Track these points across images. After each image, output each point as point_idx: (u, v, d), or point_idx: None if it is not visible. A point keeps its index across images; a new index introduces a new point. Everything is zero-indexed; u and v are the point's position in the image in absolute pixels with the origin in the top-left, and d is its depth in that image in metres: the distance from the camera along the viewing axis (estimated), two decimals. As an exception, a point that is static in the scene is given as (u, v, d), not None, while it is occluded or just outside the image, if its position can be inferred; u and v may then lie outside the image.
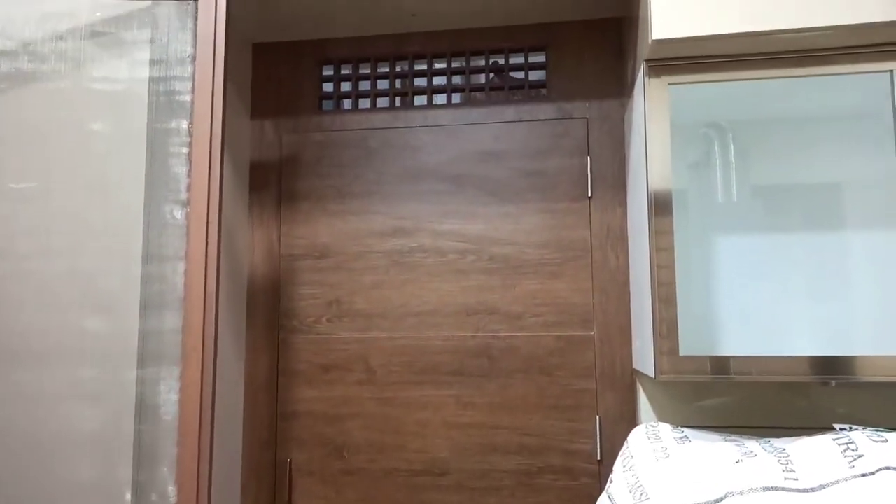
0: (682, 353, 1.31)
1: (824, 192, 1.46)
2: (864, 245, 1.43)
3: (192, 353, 1.26)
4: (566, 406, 1.67)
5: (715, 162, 1.60)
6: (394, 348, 1.75)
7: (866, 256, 1.43)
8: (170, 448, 1.26)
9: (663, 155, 1.36)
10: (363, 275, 1.78)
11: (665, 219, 1.34)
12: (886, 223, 1.43)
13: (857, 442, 1.20)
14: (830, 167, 1.46)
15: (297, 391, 1.77)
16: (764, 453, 1.24)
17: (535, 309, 1.71)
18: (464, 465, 1.69)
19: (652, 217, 1.35)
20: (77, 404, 1.29)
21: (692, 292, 1.46)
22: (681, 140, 1.46)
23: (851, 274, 1.43)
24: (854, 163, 1.45)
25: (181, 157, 1.32)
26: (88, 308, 1.31)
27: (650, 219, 1.35)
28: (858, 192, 1.44)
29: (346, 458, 1.73)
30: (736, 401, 1.58)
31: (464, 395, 1.71)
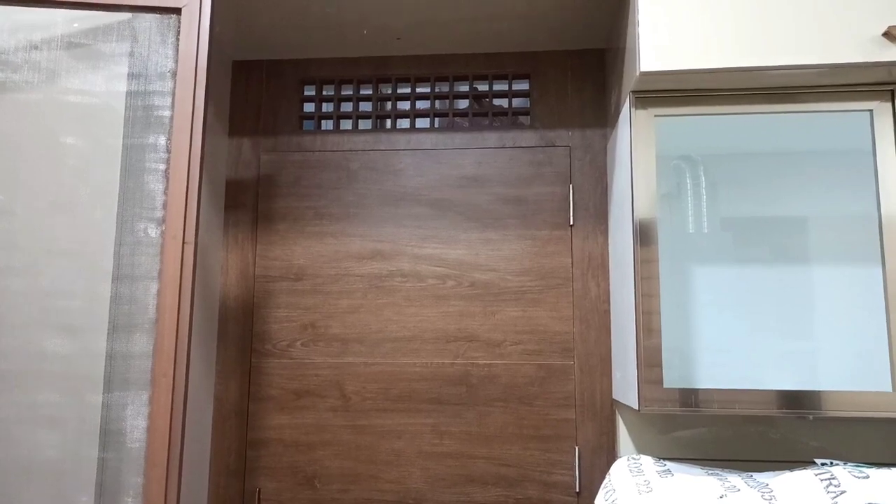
0: (666, 386, 1.30)
1: (794, 226, 1.48)
2: (835, 279, 1.45)
3: (161, 378, 1.20)
4: (545, 436, 1.65)
5: (686, 193, 1.61)
6: (369, 374, 1.70)
7: (836, 291, 1.45)
8: (134, 477, 1.19)
9: (648, 185, 1.36)
10: (340, 298, 1.74)
11: (650, 248, 1.34)
12: (860, 258, 1.45)
13: (839, 478, 1.19)
14: (803, 202, 1.48)
15: (268, 417, 1.71)
16: (747, 488, 1.23)
17: (515, 336, 1.69)
18: (439, 496, 1.64)
19: (637, 246, 1.35)
20: (37, 430, 1.22)
21: (668, 322, 1.45)
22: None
23: (821, 308, 1.45)
24: (828, 198, 1.47)
25: (157, 174, 1.28)
26: (53, 328, 1.25)
27: (635, 248, 1.35)
28: (831, 227, 1.46)
29: (318, 488, 1.67)
30: (714, 433, 1.57)
31: (441, 424, 1.67)
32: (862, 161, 1.42)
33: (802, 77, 1.33)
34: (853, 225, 1.45)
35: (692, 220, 1.59)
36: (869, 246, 1.40)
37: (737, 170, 1.51)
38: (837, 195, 1.47)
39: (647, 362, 1.31)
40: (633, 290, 1.36)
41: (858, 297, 1.45)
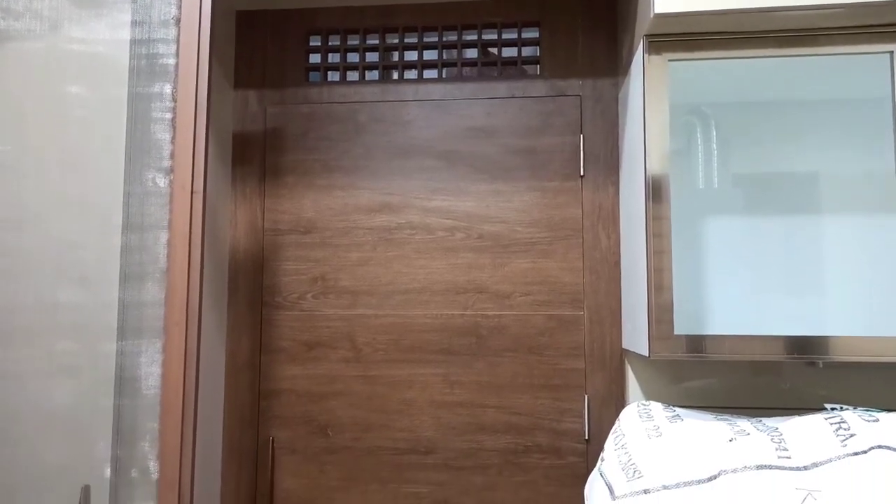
0: (677, 332, 1.30)
1: (806, 181, 1.46)
2: (846, 229, 1.43)
3: (174, 326, 1.21)
4: (555, 385, 1.66)
5: (697, 149, 1.58)
6: (380, 326, 1.71)
7: (847, 240, 1.43)
8: (151, 423, 1.21)
9: (661, 137, 1.34)
10: (349, 251, 1.74)
11: (661, 205, 1.33)
12: (873, 209, 1.44)
13: (848, 421, 1.20)
14: (815, 156, 1.45)
15: (280, 369, 1.73)
16: (757, 432, 1.24)
17: (524, 288, 1.69)
18: (450, 444, 1.67)
19: (649, 203, 1.33)
20: (54, 378, 1.24)
21: (679, 274, 1.44)
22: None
23: (832, 257, 1.43)
24: (842, 151, 1.44)
25: (164, 123, 1.27)
26: (65, 280, 1.25)
27: (647, 205, 1.33)
28: (843, 182, 1.44)
29: (331, 437, 1.70)
30: (723, 382, 1.58)
31: (451, 374, 1.68)
32: (879, 111, 1.39)
33: (819, 18, 1.29)
34: (867, 178, 1.43)
35: (703, 177, 1.57)
36: (882, 197, 1.38)
37: (749, 123, 1.48)
38: (852, 147, 1.44)
39: (658, 311, 1.31)
40: (644, 245, 1.35)
41: (869, 246, 1.44)
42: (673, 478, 1.18)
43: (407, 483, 1.67)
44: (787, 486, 1.12)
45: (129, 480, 1.21)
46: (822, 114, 1.45)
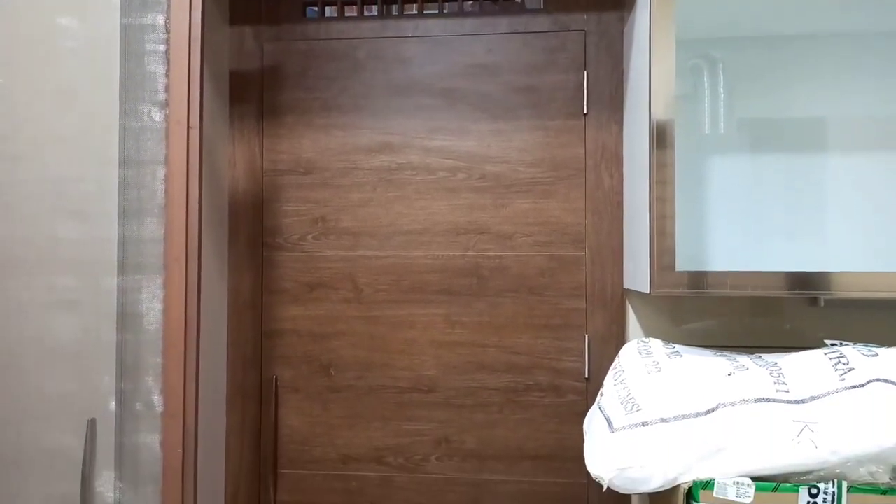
0: (679, 269, 1.29)
1: (814, 125, 1.43)
2: (851, 168, 1.42)
3: (174, 262, 1.21)
4: (555, 325, 1.67)
5: (704, 94, 1.55)
6: (381, 267, 1.71)
7: (851, 179, 1.41)
8: (154, 358, 1.22)
9: (667, 79, 1.30)
10: (350, 192, 1.72)
11: (665, 151, 1.30)
12: (878, 147, 1.41)
13: (848, 356, 1.20)
14: (823, 98, 1.42)
15: (282, 309, 1.73)
16: (755, 367, 1.24)
17: (526, 228, 1.68)
18: (451, 382, 1.68)
19: (653, 150, 1.30)
20: (57, 313, 1.24)
21: (682, 214, 1.43)
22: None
23: (835, 195, 1.42)
24: (853, 91, 1.41)
25: (158, 56, 1.24)
26: (63, 215, 1.25)
27: (651, 152, 1.30)
28: (851, 124, 1.41)
29: (333, 376, 1.71)
30: (724, 323, 1.58)
31: (452, 314, 1.69)
32: (892, 43, 1.35)
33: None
34: (874, 120, 1.40)
35: (709, 121, 1.54)
36: (887, 135, 1.35)
37: (757, 65, 1.45)
38: (861, 89, 1.41)
39: (660, 247, 1.30)
40: (647, 187, 1.33)
41: (872, 184, 1.42)
42: (671, 411, 1.19)
43: (408, 421, 1.69)
44: (784, 418, 1.14)
45: (133, 413, 1.23)
46: (833, 49, 1.41)
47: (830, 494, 1.08)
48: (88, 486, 1.22)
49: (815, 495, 1.08)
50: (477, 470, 1.67)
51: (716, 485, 1.11)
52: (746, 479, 1.11)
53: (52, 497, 1.23)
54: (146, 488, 1.22)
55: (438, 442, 1.68)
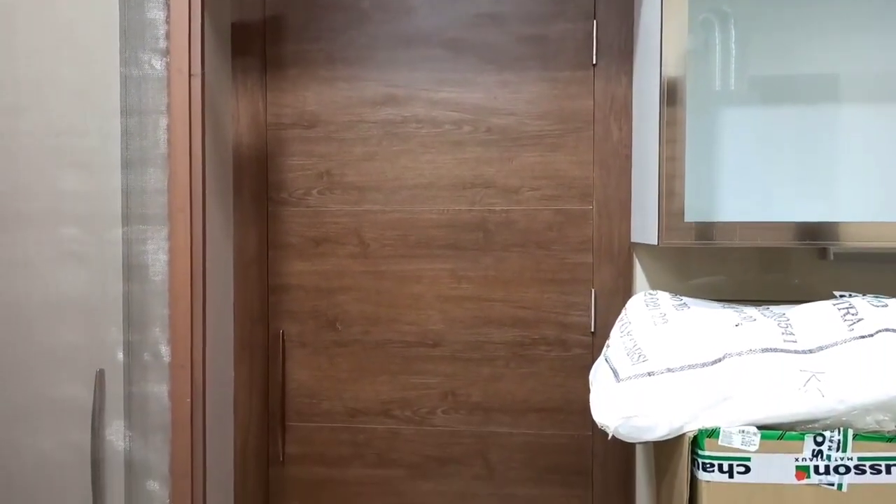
0: (687, 219, 1.28)
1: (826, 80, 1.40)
2: (863, 119, 1.38)
3: (178, 213, 1.21)
4: (562, 280, 1.66)
5: (715, 50, 1.51)
6: (387, 222, 1.70)
7: (863, 129, 1.38)
8: (161, 309, 1.22)
9: (679, 34, 1.26)
10: (354, 146, 1.71)
11: (675, 108, 1.27)
12: (891, 98, 1.38)
13: (857, 307, 1.19)
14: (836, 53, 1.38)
15: (288, 264, 1.73)
16: (763, 318, 1.24)
17: (532, 182, 1.66)
18: (457, 336, 1.69)
19: (663, 108, 1.27)
20: (62, 264, 1.24)
21: (692, 166, 1.40)
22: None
23: (846, 146, 1.39)
24: (865, 46, 1.37)
25: (157, 1, 1.21)
26: (66, 165, 1.24)
27: (661, 110, 1.27)
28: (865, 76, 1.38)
29: (340, 331, 1.72)
30: (732, 278, 1.57)
31: (458, 269, 1.69)
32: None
33: None
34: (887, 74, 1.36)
35: (720, 77, 1.50)
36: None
37: (770, 20, 1.40)
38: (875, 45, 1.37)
39: (669, 198, 1.28)
40: (657, 141, 1.30)
41: (883, 135, 1.39)
42: (677, 361, 1.19)
43: (415, 374, 1.70)
44: (791, 368, 1.13)
45: (142, 364, 1.24)
46: (847, 3, 1.37)
47: (836, 442, 1.08)
48: (98, 434, 1.23)
49: (820, 443, 1.09)
50: (483, 423, 1.69)
51: (721, 433, 1.11)
52: (752, 428, 1.11)
53: (63, 445, 1.25)
54: (155, 437, 1.24)
55: (445, 395, 1.70)
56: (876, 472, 1.08)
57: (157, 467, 1.24)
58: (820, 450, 1.09)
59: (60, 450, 1.24)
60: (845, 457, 1.08)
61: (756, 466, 1.11)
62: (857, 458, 1.08)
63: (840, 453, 1.08)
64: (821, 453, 1.09)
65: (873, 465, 1.08)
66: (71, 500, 1.25)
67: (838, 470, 1.09)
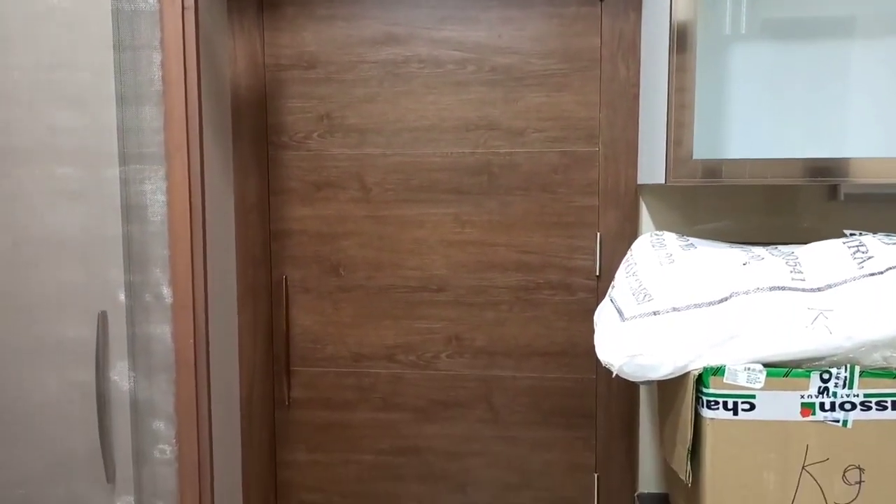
0: (696, 157, 1.24)
1: (839, 23, 1.34)
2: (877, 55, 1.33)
3: (176, 151, 1.18)
4: (567, 223, 1.64)
5: None
6: (389, 165, 1.67)
7: (878, 66, 1.34)
8: (161, 250, 1.21)
9: None
10: (355, 87, 1.66)
11: (685, 56, 1.22)
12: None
13: (867, 245, 1.17)
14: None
15: (289, 209, 1.71)
16: (771, 257, 1.22)
17: (538, 124, 1.63)
18: (461, 281, 1.68)
19: (672, 54, 1.22)
20: (59, 205, 1.22)
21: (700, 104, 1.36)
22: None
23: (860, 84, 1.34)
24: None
25: (147, -70, 1.16)
26: (59, 101, 1.20)
27: (671, 56, 1.23)
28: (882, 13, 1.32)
29: (343, 276, 1.71)
30: (739, 222, 1.55)
31: (462, 213, 1.66)
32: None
33: None
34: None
35: (730, 20, 1.45)
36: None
37: None
38: None
39: (677, 135, 1.25)
40: (665, 79, 1.26)
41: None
42: (683, 300, 1.18)
43: (419, 319, 1.70)
44: (799, 306, 1.12)
45: (143, 305, 1.23)
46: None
47: (842, 379, 1.08)
48: (103, 375, 1.23)
49: (826, 380, 1.08)
50: (487, 366, 1.69)
51: (726, 371, 1.11)
52: (758, 365, 1.10)
53: (69, 385, 1.25)
54: (160, 377, 1.24)
55: (449, 340, 1.69)
56: (882, 408, 1.07)
57: (163, 407, 1.24)
58: (826, 387, 1.08)
59: (66, 390, 1.25)
60: (851, 393, 1.08)
61: (761, 404, 1.10)
62: (863, 394, 1.07)
63: (846, 390, 1.08)
64: (827, 390, 1.08)
65: (879, 401, 1.07)
66: (78, 438, 1.26)
67: (844, 407, 1.08)
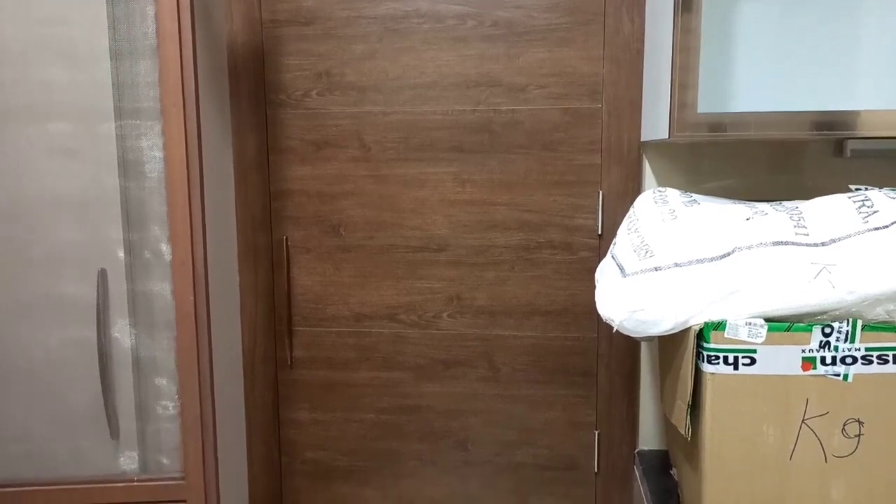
0: (700, 111, 1.22)
1: None
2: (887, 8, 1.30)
3: (171, 107, 1.16)
4: (569, 182, 1.62)
5: None
6: (389, 124, 1.65)
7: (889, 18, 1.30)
8: (159, 207, 1.20)
9: None
10: (353, 43, 1.64)
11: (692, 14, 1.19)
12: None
13: (872, 199, 1.16)
14: None
15: (289, 169, 1.70)
16: (775, 212, 1.21)
17: (540, 80, 1.60)
18: (462, 241, 1.67)
19: (678, 16, 1.19)
20: (55, 161, 1.21)
21: (705, 57, 1.33)
22: None
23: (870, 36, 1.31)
24: None
25: None
26: (52, 56, 1.18)
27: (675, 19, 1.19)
28: None
29: (343, 236, 1.70)
30: (744, 179, 1.53)
31: (463, 172, 1.65)
32: None
33: None
34: None
35: None
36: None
37: None
38: None
39: (682, 89, 1.22)
40: (670, 32, 1.23)
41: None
42: (685, 256, 1.16)
43: (420, 279, 1.70)
44: (802, 260, 1.11)
45: (143, 262, 1.23)
46: None
47: (844, 333, 1.07)
48: (104, 332, 1.24)
49: (828, 334, 1.08)
50: (488, 326, 1.69)
51: (727, 325, 1.10)
52: (759, 320, 1.10)
53: (70, 342, 1.25)
54: (161, 334, 1.24)
55: (450, 299, 1.69)
56: (883, 362, 1.07)
57: (165, 364, 1.25)
58: (827, 341, 1.08)
59: (68, 347, 1.25)
60: (853, 347, 1.07)
61: (762, 358, 1.10)
62: (864, 348, 1.07)
63: (848, 344, 1.07)
64: (828, 344, 1.08)
65: (881, 355, 1.07)
66: (81, 394, 1.26)
67: (845, 360, 1.08)
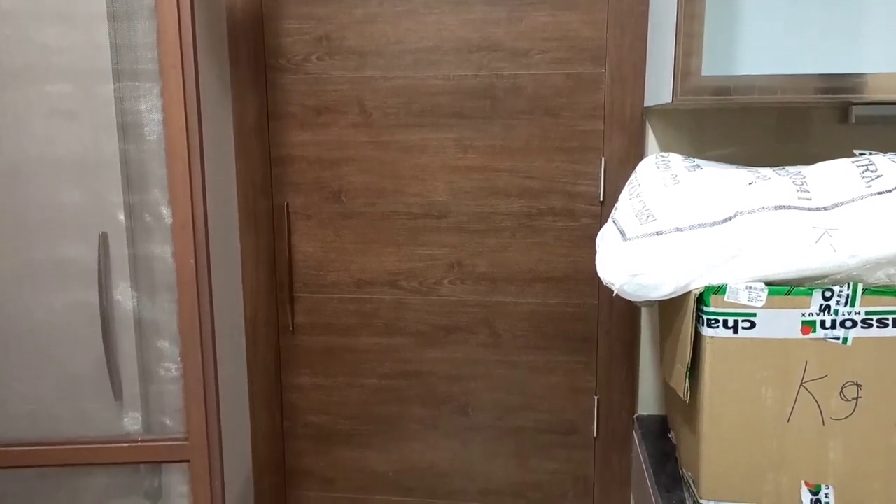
0: (705, 73, 1.21)
1: None
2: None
3: (170, 69, 1.15)
4: (571, 148, 1.61)
5: None
6: (390, 89, 1.64)
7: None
8: (159, 170, 1.20)
9: None
10: (354, 6, 1.61)
11: None
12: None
13: (876, 163, 1.15)
14: None
15: (289, 135, 1.69)
16: (778, 177, 1.20)
17: (542, 45, 1.58)
18: (463, 208, 1.66)
19: None
20: (54, 124, 1.20)
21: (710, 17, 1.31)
22: None
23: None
24: None
25: None
26: (47, 16, 1.17)
27: None
28: None
29: (344, 202, 1.70)
30: (748, 147, 1.52)
31: (464, 138, 1.64)
32: None
33: None
34: None
35: None
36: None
37: None
38: None
39: (686, 51, 1.21)
40: (675, 10, 1.21)
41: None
42: (687, 220, 1.16)
43: (421, 246, 1.70)
44: (804, 224, 1.10)
45: (144, 225, 1.23)
46: None
47: (844, 297, 1.07)
48: (106, 295, 1.24)
49: (828, 298, 1.08)
50: (489, 292, 1.70)
51: (727, 289, 1.10)
52: (759, 284, 1.10)
53: (73, 305, 1.26)
54: (162, 297, 1.25)
55: (451, 266, 1.70)
56: (883, 325, 1.07)
57: (167, 327, 1.26)
58: (828, 304, 1.08)
59: (71, 310, 1.26)
60: (853, 311, 1.07)
61: (761, 322, 1.10)
62: (864, 312, 1.07)
63: (848, 308, 1.07)
64: (828, 308, 1.08)
65: (881, 318, 1.07)
66: (84, 357, 1.28)
67: (844, 324, 1.08)
